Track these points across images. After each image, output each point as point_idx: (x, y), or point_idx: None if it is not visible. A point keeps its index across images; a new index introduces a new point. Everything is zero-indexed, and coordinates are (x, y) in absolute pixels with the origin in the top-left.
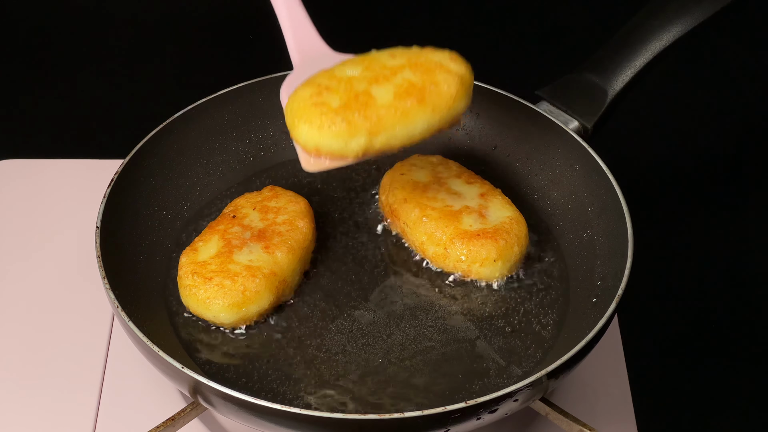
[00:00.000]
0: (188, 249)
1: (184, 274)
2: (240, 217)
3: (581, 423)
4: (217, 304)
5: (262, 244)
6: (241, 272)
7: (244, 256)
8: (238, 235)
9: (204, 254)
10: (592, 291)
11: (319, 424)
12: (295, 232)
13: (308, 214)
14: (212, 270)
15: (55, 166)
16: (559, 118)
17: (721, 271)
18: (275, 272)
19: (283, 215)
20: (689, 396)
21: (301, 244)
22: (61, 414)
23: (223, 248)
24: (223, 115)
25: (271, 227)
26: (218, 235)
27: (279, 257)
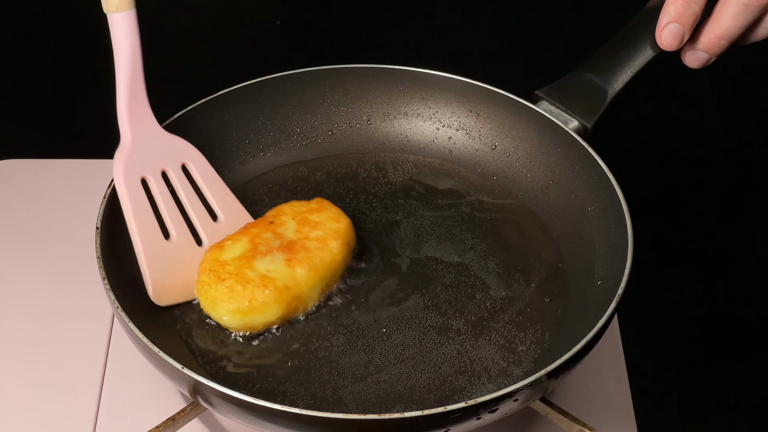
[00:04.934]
0: (215, 245)
1: (202, 269)
2: (277, 224)
3: (581, 423)
4: (222, 306)
5: (286, 256)
6: (255, 280)
7: (264, 265)
8: (267, 241)
9: (228, 254)
10: (592, 291)
11: (319, 424)
12: (324, 251)
13: (345, 236)
14: (228, 271)
15: (55, 166)
16: (559, 118)
17: (722, 271)
18: (289, 287)
19: (318, 231)
20: (689, 396)
21: (327, 264)
22: (61, 414)
23: (248, 252)
24: (223, 115)
25: (302, 241)
26: (249, 238)
27: (298, 273)
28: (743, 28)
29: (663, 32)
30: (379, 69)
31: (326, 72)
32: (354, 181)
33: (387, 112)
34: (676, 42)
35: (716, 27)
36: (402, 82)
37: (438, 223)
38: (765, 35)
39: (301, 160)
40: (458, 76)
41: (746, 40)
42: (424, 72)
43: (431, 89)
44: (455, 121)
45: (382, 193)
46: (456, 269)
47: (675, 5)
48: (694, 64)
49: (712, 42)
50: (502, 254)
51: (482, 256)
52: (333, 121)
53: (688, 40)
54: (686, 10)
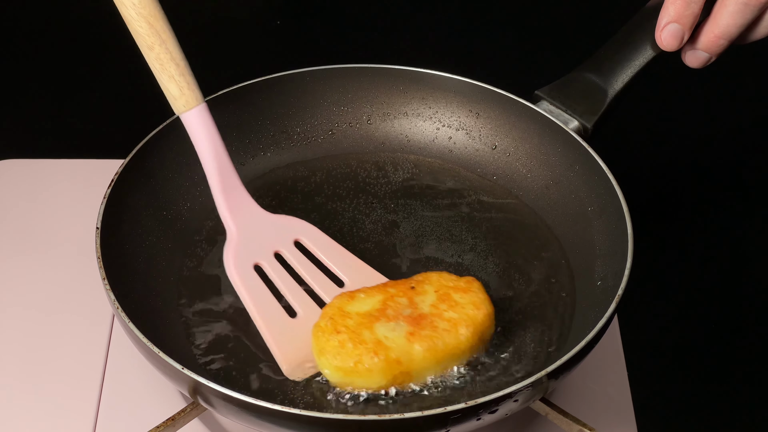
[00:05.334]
0: (347, 293)
1: (324, 312)
2: (417, 291)
3: (581, 423)
4: (327, 359)
5: (409, 329)
6: (368, 343)
7: (384, 330)
8: (399, 307)
9: (354, 306)
10: (592, 291)
11: (319, 424)
12: (450, 336)
13: (479, 326)
14: (347, 325)
15: (55, 166)
16: (559, 118)
17: (722, 271)
18: (401, 362)
19: (453, 313)
20: (689, 396)
21: (449, 349)
22: (61, 414)
23: (375, 311)
24: (224, 115)
25: (433, 318)
26: (382, 297)
27: (415, 350)
28: (743, 27)
29: (662, 32)
30: (379, 69)
31: (326, 72)
32: (354, 181)
33: (387, 112)
34: (675, 42)
35: (716, 26)
36: (402, 82)
37: (438, 223)
38: (764, 34)
39: (301, 160)
40: (458, 76)
41: (746, 39)
42: (424, 72)
43: (431, 89)
44: (455, 121)
45: (382, 193)
46: (456, 269)
47: (674, 5)
48: (694, 64)
49: (711, 41)
50: (502, 254)
51: (482, 256)
52: (333, 121)
53: (688, 40)
54: (685, 10)
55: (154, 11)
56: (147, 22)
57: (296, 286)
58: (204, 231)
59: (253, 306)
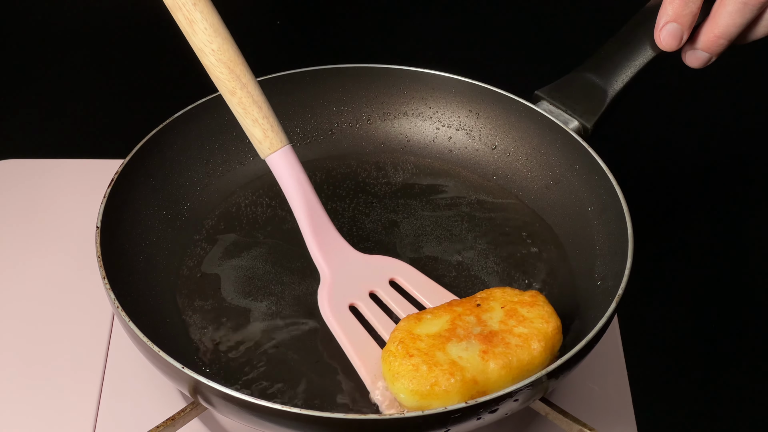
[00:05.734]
0: (413, 315)
1: (393, 337)
2: (483, 309)
3: (581, 423)
4: (402, 383)
5: (482, 347)
6: (443, 365)
7: (457, 350)
8: (468, 325)
9: (423, 328)
10: (592, 291)
11: (320, 424)
12: (524, 351)
13: (551, 339)
14: (418, 348)
15: (55, 166)
16: (559, 118)
17: (722, 271)
18: (477, 381)
19: (523, 328)
20: (689, 396)
21: (523, 365)
22: (60, 414)
23: (445, 332)
24: (223, 115)
25: (504, 335)
26: (450, 317)
27: (491, 368)
28: (742, 26)
29: (662, 32)
30: (379, 69)
31: (326, 72)
32: (354, 181)
33: (387, 112)
34: (675, 42)
35: (715, 26)
36: (402, 82)
37: (438, 223)
38: (764, 33)
39: (301, 160)
40: (458, 76)
41: (745, 38)
42: (424, 72)
43: (431, 89)
44: (455, 121)
45: (382, 193)
46: (456, 269)
47: (672, 5)
48: (694, 64)
49: (711, 41)
50: (502, 254)
51: (482, 256)
52: (333, 121)
53: (687, 40)
54: (684, 10)
55: (233, 56)
56: (227, 68)
57: (392, 324)
58: (204, 230)
59: (351, 347)
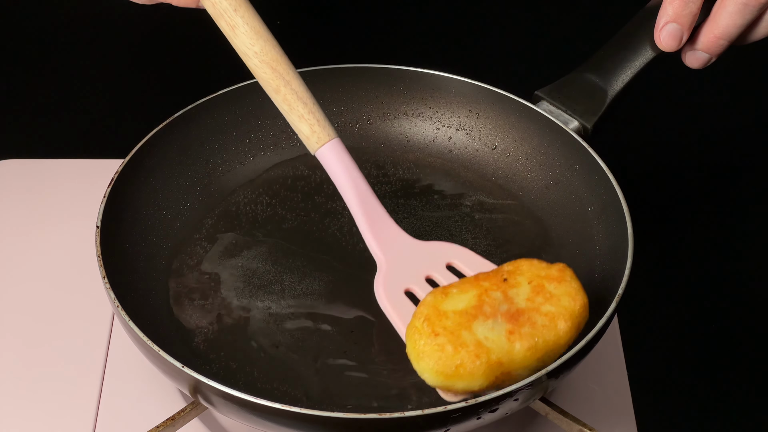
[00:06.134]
0: (439, 290)
1: (419, 312)
2: (510, 284)
3: (581, 423)
4: (426, 363)
5: (509, 327)
6: (469, 346)
7: (483, 330)
8: (495, 302)
9: (450, 304)
10: (592, 291)
11: (320, 423)
12: (550, 331)
13: (578, 318)
14: (445, 326)
15: (55, 166)
16: (559, 118)
17: (722, 271)
18: (502, 362)
19: (550, 306)
20: (689, 396)
21: (549, 346)
22: (60, 414)
23: (471, 309)
24: (223, 115)
25: (530, 313)
26: (477, 292)
27: (516, 349)
28: (742, 27)
29: (661, 33)
30: (379, 69)
31: (326, 72)
32: None
33: (387, 112)
34: (674, 42)
35: (715, 27)
36: (402, 82)
37: (438, 223)
38: (764, 34)
39: (302, 160)
40: (458, 76)
41: (746, 39)
42: (424, 72)
43: (431, 89)
44: (455, 121)
45: (382, 193)
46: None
47: (672, 5)
48: (694, 65)
49: (711, 42)
50: (502, 254)
51: (482, 256)
52: (333, 120)
53: (687, 41)
54: (683, 10)
55: (275, 56)
56: (270, 68)
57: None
58: (204, 230)
59: (404, 329)
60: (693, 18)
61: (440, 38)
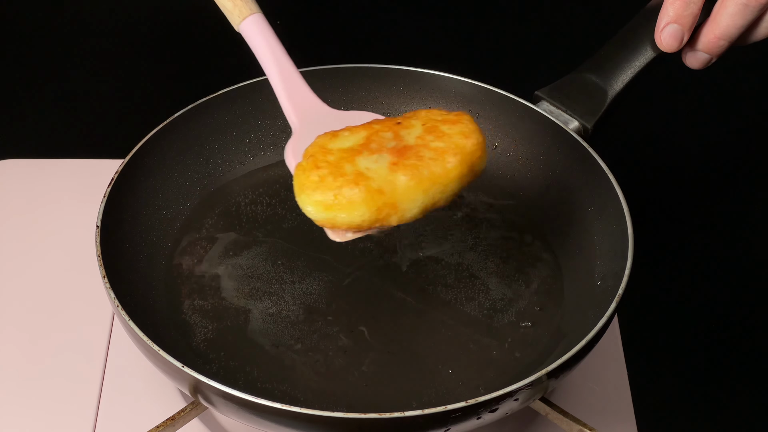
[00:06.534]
0: (331, 132)
1: (306, 152)
2: (403, 126)
3: (581, 423)
4: (308, 195)
5: (392, 159)
6: (350, 175)
7: (366, 162)
8: (383, 140)
9: (337, 143)
10: (592, 291)
11: (320, 423)
12: (437, 164)
13: (468, 155)
14: (328, 160)
15: (55, 166)
16: (559, 118)
17: (722, 271)
18: (383, 192)
19: (440, 143)
20: (689, 396)
21: (435, 179)
22: (60, 414)
23: (359, 146)
24: (223, 115)
25: (418, 148)
26: (367, 132)
27: (399, 180)
28: (743, 27)
29: (662, 33)
30: (379, 69)
31: (326, 72)
32: None
33: (387, 112)
34: (675, 43)
35: (716, 27)
36: (402, 82)
37: (438, 223)
38: (764, 35)
39: None
40: (458, 76)
41: (746, 39)
42: (424, 72)
43: (431, 89)
44: None
45: None
46: (456, 269)
47: (673, 6)
48: (695, 65)
49: (711, 42)
50: (502, 254)
51: (482, 257)
52: None
53: (688, 41)
54: (684, 11)
55: None
56: None
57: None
58: (204, 230)
59: None
60: (694, 19)
61: (440, 38)
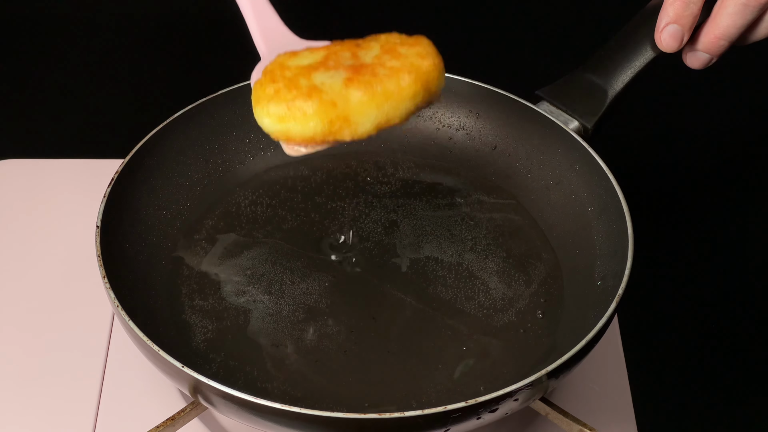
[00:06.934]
0: (291, 52)
1: (265, 69)
2: (362, 47)
3: (581, 423)
4: (262, 107)
5: (347, 75)
6: (303, 88)
7: (322, 78)
8: (342, 59)
9: (296, 61)
10: (592, 291)
11: (320, 423)
12: (391, 81)
13: (423, 75)
14: (284, 75)
15: (55, 166)
16: (559, 118)
17: (722, 271)
18: (336, 104)
19: (396, 62)
20: (689, 396)
21: (389, 95)
22: (60, 413)
23: (317, 63)
24: (223, 115)
25: (374, 67)
26: (326, 52)
27: (353, 94)
28: (743, 27)
29: (662, 33)
30: None
31: None
32: (354, 181)
33: None
34: (675, 43)
35: (716, 27)
36: None
37: (438, 223)
38: (764, 35)
39: (301, 160)
40: (458, 76)
41: (746, 39)
42: None
43: None
44: (455, 121)
45: (382, 193)
46: (456, 269)
47: (673, 6)
48: (695, 65)
49: (712, 42)
50: (501, 254)
51: (482, 256)
52: None
53: (688, 41)
54: (684, 11)
55: None
56: None
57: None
58: (204, 230)
59: None
60: (694, 19)
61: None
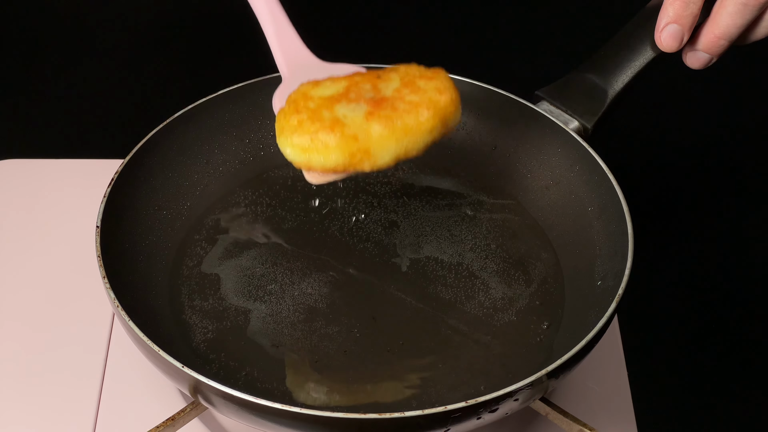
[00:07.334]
0: (314, 81)
1: (289, 98)
2: (383, 79)
3: (581, 423)
4: (286, 136)
5: (368, 109)
6: (327, 121)
7: (344, 110)
8: (363, 91)
9: (319, 91)
10: (592, 291)
11: (320, 423)
12: (411, 116)
13: (441, 110)
14: (308, 106)
15: (55, 166)
16: (559, 118)
17: (722, 270)
18: (357, 138)
19: (415, 96)
20: (689, 396)
21: (408, 130)
22: (60, 413)
23: (338, 95)
24: (223, 115)
25: (394, 100)
26: (348, 83)
27: (373, 128)
28: (742, 27)
29: (662, 33)
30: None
31: None
32: (354, 181)
33: None
34: (675, 43)
35: (715, 27)
36: None
37: (438, 223)
38: (764, 34)
39: None
40: (458, 76)
41: (746, 39)
42: None
43: None
44: None
45: (382, 193)
46: (456, 269)
47: (673, 6)
48: (695, 65)
49: (712, 42)
50: (502, 254)
51: (482, 256)
52: None
53: (688, 41)
54: (684, 11)
55: None
56: None
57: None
58: (204, 230)
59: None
60: (694, 19)
61: (440, 38)
